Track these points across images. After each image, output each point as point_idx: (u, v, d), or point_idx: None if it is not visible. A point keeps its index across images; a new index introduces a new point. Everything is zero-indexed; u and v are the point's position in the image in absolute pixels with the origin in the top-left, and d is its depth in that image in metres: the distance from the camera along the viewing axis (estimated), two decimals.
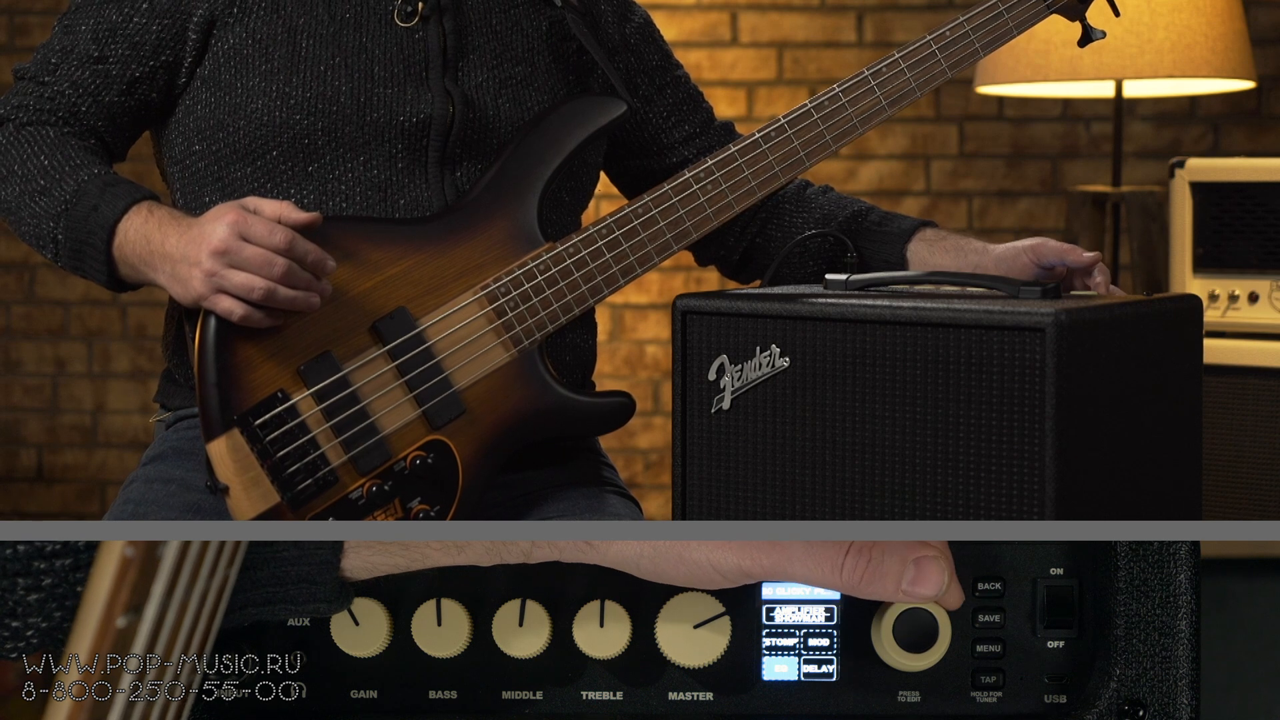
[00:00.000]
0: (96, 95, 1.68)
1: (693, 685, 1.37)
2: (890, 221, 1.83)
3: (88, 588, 1.03)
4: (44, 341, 3.94)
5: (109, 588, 1.02)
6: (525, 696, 1.38)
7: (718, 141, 1.86)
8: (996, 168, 3.84)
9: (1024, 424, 1.42)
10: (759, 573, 1.26)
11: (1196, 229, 2.44)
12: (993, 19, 1.70)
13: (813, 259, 1.84)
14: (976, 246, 1.77)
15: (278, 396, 1.56)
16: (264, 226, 1.51)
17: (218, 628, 1.15)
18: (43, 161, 1.63)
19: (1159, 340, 1.52)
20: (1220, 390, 2.34)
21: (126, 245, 1.59)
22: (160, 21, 1.67)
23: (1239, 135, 3.81)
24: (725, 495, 1.57)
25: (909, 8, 3.80)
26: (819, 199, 1.87)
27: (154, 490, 1.67)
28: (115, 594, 1.02)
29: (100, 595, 1.02)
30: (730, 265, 1.90)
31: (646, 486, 3.86)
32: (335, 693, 1.38)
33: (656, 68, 1.86)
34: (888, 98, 1.70)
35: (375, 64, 1.67)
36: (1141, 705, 1.35)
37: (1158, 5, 2.86)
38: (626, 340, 3.87)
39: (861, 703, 1.37)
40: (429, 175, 1.68)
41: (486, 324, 1.64)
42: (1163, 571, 1.35)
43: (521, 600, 1.35)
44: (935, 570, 1.25)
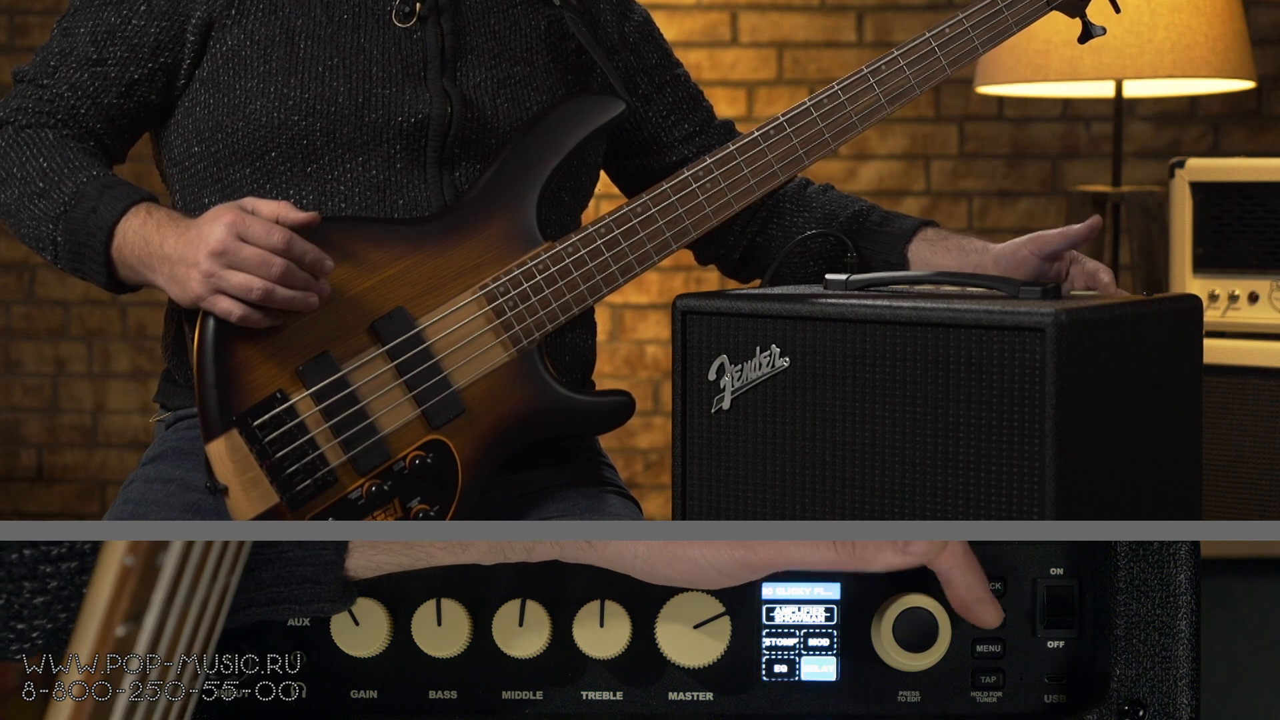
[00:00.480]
0: (95, 97, 1.68)
1: (693, 685, 1.37)
2: (891, 221, 1.83)
3: (88, 596, 1.03)
4: (44, 341, 3.94)
5: (109, 596, 1.02)
6: (525, 696, 1.38)
7: (717, 140, 1.86)
8: (996, 168, 3.84)
9: (1024, 424, 1.42)
10: (757, 561, 1.26)
11: (1196, 229, 2.44)
12: (992, 15, 1.70)
13: (813, 259, 1.84)
14: (977, 246, 1.77)
15: (276, 397, 1.56)
16: (261, 227, 1.51)
17: (220, 631, 1.15)
18: (41, 164, 1.64)
19: (1159, 340, 1.52)
20: (1220, 390, 2.34)
21: (125, 247, 1.59)
22: (158, 24, 1.67)
23: (1239, 135, 3.81)
24: (725, 495, 1.57)
25: (909, 8, 3.80)
26: (819, 198, 1.87)
27: (154, 490, 1.67)
28: (115, 603, 1.02)
29: (100, 604, 1.02)
30: (730, 264, 1.90)
31: (646, 486, 3.86)
32: (335, 693, 1.38)
33: (656, 66, 1.85)
34: (887, 95, 1.70)
35: (373, 64, 1.67)
36: (1141, 705, 1.35)
37: (1158, 5, 2.86)
38: (626, 340, 3.87)
39: (861, 703, 1.37)
40: (427, 175, 1.68)
41: (485, 323, 1.63)
42: (1163, 571, 1.35)
43: (521, 600, 1.35)
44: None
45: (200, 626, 1.10)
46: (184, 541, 1.05)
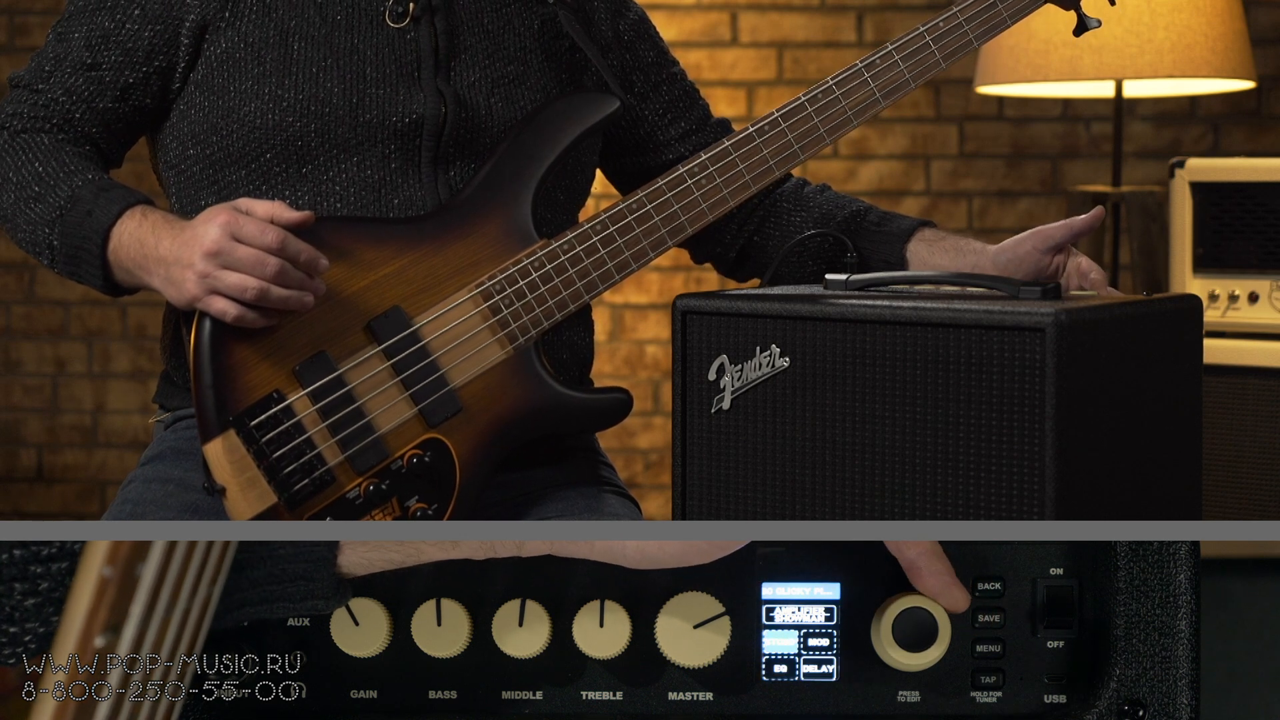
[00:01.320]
0: (90, 102, 1.68)
1: (693, 685, 1.37)
2: (889, 221, 1.83)
3: (66, 606, 1.02)
4: (44, 341, 3.94)
5: (87, 608, 1.01)
6: (525, 696, 1.37)
7: (714, 138, 1.85)
8: (996, 168, 3.84)
9: (1024, 424, 1.42)
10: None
11: (1196, 229, 2.44)
12: (986, 8, 1.70)
13: (812, 259, 1.84)
14: (975, 247, 1.77)
15: (273, 397, 1.56)
16: (256, 227, 1.51)
17: (203, 639, 1.14)
18: (37, 168, 1.64)
19: (1159, 340, 1.52)
20: (1220, 390, 2.34)
21: (121, 250, 1.59)
22: (152, 27, 1.67)
23: (1239, 135, 3.81)
24: (725, 495, 1.57)
25: (909, 8, 3.80)
26: (817, 198, 1.87)
27: (152, 490, 1.67)
28: (93, 614, 1.02)
29: (78, 616, 1.02)
30: (726, 263, 1.90)
31: (646, 486, 3.86)
32: (335, 693, 1.37)
33: (651, 64, 1.85)
34: (881, 89, 1.70)
35: (367, 65, 1.67)
36: (1141, 705, 1.35)
37: (1158, 5, 2.86)
38: (626, 340, 3.87)
39: (861, 702, 1.37)
40: (422, 175, 1.68)
41: (482, 321, 1.63)
42: (1163, 571, 1.35)
43: (521, 600, 1.35)
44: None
45: (183, 635, 1.09)
46: (166, 542, 1.05)
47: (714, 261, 1.91)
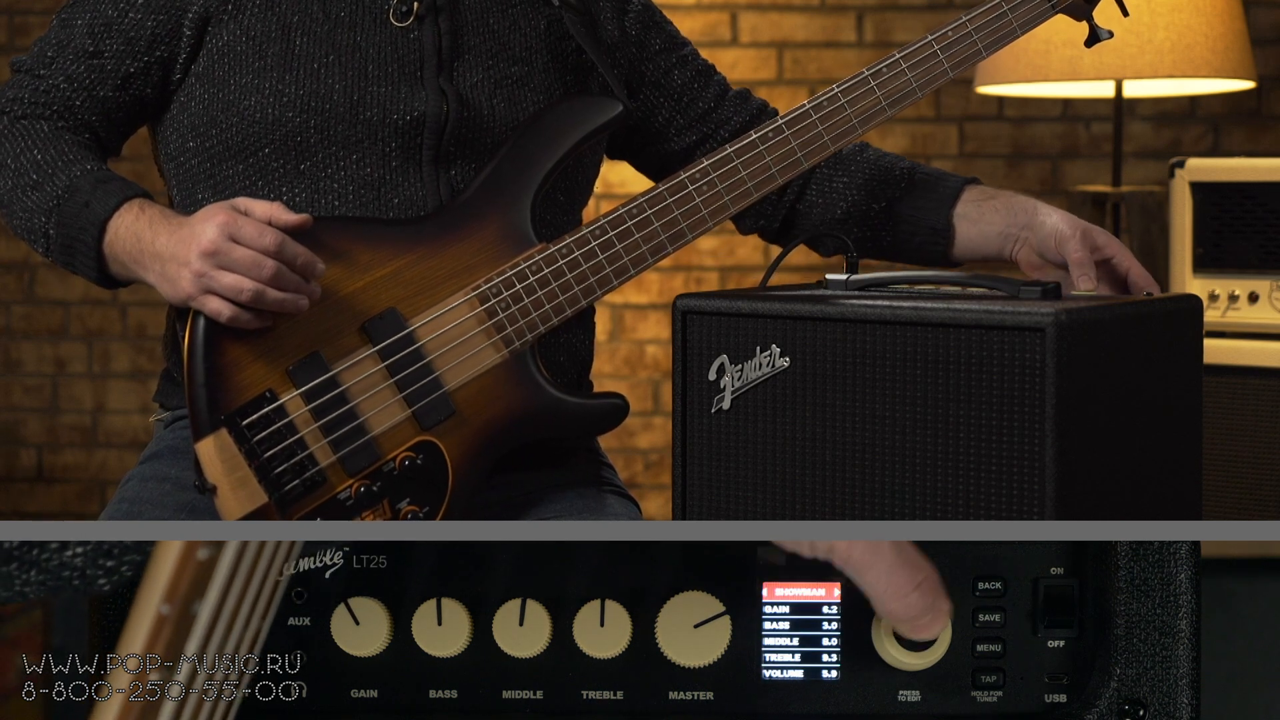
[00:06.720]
0: (91, 90, 1.68)
1: (693, 685, 1.37)
2: (935, 184, 1.79)
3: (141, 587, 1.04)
4: (44, 341, 3.94)
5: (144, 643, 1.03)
6: (525, 696, 1.37)
7: (734, 112, 1.84)
8: (996, 168, 3.84)
9: (1024, 424, 1.42)
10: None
11: (1196, 229, 2.44)
12: (996, 19, 1.69)
13: (856, 225, 1.81)
14: (1024, 205, 1.74)
15: (266, 396, 1.56)
16: (254, 228, 1.51)
17: (267, 629, 1.15)
18: (35, 156, 1.64)
19: (1159, 340, 1.52)
20: (1220, 390, 2.34)
21: (117, 243, 1.59)
22: (155, 17, 1.67)
23: (1239, 135, 3.81)
24: (725, 495, 1.57)
25: (909, 8, 3.80)
26: (857, 158, 1.83)
27: (149, 489, 1.67)
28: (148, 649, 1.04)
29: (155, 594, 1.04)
30: (771, 233, 1.87)
31: (646, 486, 3.86)
32: (335, 692, 1.37)
33: (660, 51, 1.84)
34: (888, 98, 1.69)
35: (369, 62, 1.67)
36: (1141, 705, 1.35)
37: (1158, 5, 2.86)
38: (626, 340, 3.87)
39: (861, 702, 1.37)
40: (423, 174, 1.68)
41: (477, 324, 1.63)
42: (1163, 571, 1.35)
43: (521, 600, 1.35)
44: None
45: (250, 623, 1.11)
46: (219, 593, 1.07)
47: (760, 233, 1.88)
